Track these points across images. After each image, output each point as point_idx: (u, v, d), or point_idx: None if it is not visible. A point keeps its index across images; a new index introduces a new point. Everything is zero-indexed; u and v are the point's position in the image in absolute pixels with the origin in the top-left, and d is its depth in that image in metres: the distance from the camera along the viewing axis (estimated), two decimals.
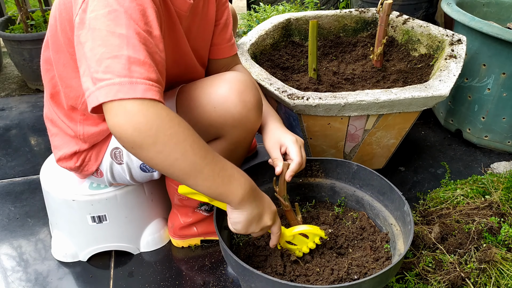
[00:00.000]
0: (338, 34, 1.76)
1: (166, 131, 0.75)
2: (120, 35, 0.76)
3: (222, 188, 0.84)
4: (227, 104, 1.01)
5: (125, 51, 0.75)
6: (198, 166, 0.79)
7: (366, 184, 1.21)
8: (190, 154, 0.78)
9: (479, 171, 1.61)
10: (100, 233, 1.26)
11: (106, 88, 0.74)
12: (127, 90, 0.73)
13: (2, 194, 1.58)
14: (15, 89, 2.34)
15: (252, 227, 0.93)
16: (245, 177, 0.88)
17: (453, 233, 1.19)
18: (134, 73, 0.75)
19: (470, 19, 1.55)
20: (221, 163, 0.83)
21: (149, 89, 0.75)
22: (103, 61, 0.75)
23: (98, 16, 0.78)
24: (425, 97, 1.25)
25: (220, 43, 1.21)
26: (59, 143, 1.15)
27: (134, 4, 0.79)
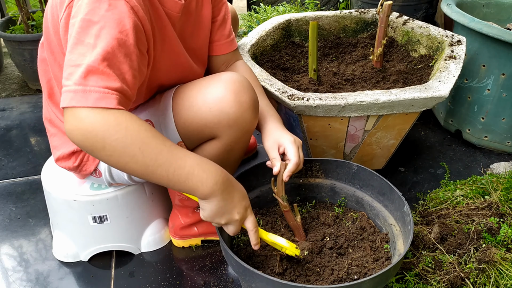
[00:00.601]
0: (338, 35, 1.77)
1: (112, 137, 0.79)
2: (88, 45, 0.80)
3: (180, 186, 0.86)
4: (223, 105, 1.01)
5: (86, 60, 0.79)
6: (150, 168, 0.83)
7: (366, 184, 1.22)
8: (140, 157, 0.81)
9: (478, 171, 1.61)
10: (101, 233, 1.26)
11: (64, 94, 0.79)
12: (79, 98, 0.78)
13: (3, 195, 1.58)
14: (16, 90, 2.35)
15: (218, 219, 0.92)
16: (209, 172, 0.87)
17: (452, 234, 1.20)
18: (90, 82, 0.78)
19: (470, 20, 1.55)
20: (178, 162, 0.84)
21: (103, 98, 0.78)
22: (67, 68, 0.81)
23: (75, 23, 0.82)
24: (425, 98, 1.25)
25: (219, 40, 1.22)
26: (57, 143, 1.15)
27: (110, 13, 0.82)
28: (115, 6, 0.83)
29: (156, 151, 0.82)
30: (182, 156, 0.85)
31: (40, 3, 2.26)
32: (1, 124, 2.02)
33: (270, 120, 1.14)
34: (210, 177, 0.87)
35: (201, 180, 0.86)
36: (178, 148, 0.86)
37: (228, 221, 0.93)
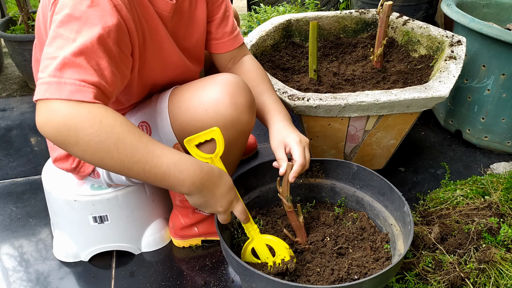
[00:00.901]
0: (339, 35, 1.77)
1: (86, 131, 0.76)
2: (67, 39, 0.79)
3: (157, 183, 0.85)
4: (219, 107, 1.01)
5: (63, 52, 0.77)
6: (126, 164, 0.80)
7: (366, 184, 1.22)
8: (115, 153, 0.79)
9: (478, 171, 1.61)
10: (102, 233, 1.27)
11: (38, 86, 0.77)
12: (53, 90, 0.75)
13: (4, 195, 1.59)
14: (16, 90, 2.35)
15: (202, 209, 0.95)
16: (186, 173, 0.85)
17: (452, 234, 1.20)
18: (66, 74, 0.76)
19: (470, 20, 1.55)
20: (154, 161, 0.82)
21: (78, 91, 0.76)
22: (44, 60, 0.78)
23: (56, 19, 0.81)
24: (425, 98, 1.25)
25: (221, 38, 1.21)
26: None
27: (92, 9, 0.81)
28: (97, 3, 0.82)
29: (132, 148, 0.79)
30: (159, 154, 0.82)
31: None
32: (2, 124, 2.02)
33: (277, 118, 1.13)
34: (187, 178, 0.85)
35: (177, 181, 0.85)
36: (156, 144, 0.83)
37: (213, 212, 0.96)
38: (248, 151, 1.70)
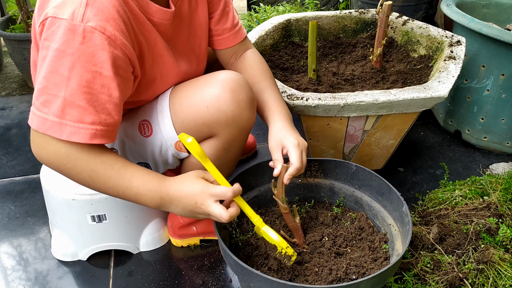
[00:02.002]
0: (338, 35, 1.77)
1: (65, 166, 0.91)
2: (62, 76, 0.84)
3: (134, 202, 0.96)
4: (220, 103, 1.02)
5: (62, 92, 0.85)
6: (102, 190, 0.94)
7: (365, 184, 1.22)
8: (90, 182, 0.93)
9: (478, 172, 1.61)
10: (100, 232, 1.26)
11: (40, 119, 0.87)
12: (55, 130, 0.86)
13: (3, 193, 1.58)
14: (15, 89, 2.35)
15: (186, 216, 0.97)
16: (153, 191, 0.93)
17: (451, 234, 1.20)
18: (67, 116, 0.86)
19: (470, 21, 1.55)
20: (125, 184, 0.92)
21: (76, 132, 0.87)
22: (43, 95, 0.86)
23: (50, 49, 0.85)
24: (424, 98, 1.25)
25: (222, 34, 1.21)
26: None
27: (84, 47, 0.84)
28: (89, 38, 0.84)
29: (104, 177, 0.91)
30: (130, 178, 0.92)
31: None
32: (1, 123, 2.02)
33: (277, 118, 1.12)
34: (154, 195, 0.94)
35: (147, 199, 0.94)
36: (127, 169, 0.93)
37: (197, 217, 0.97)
38: (247, 150, 1.70)
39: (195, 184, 0.93)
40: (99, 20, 0.85)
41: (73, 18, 0.83)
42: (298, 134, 1.09)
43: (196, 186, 0.92)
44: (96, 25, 0.84)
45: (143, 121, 1.11)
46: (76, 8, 0.84)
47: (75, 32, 0.83)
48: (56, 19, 0.84)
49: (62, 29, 0.83)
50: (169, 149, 1.12)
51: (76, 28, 0.83)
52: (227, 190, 0.92)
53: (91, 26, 0.84)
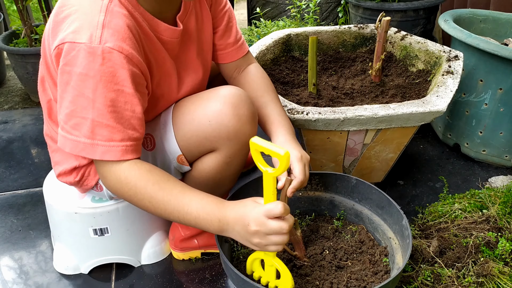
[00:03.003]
0: (338, 49, 1.79)
1: (125, 193, 0.94)
2: (88, 98, 0.87)
3: (194, 226, 0.94)
4: (222, 118, 1.04)
5: (90, 114, 0.88)
6: (162, 215, 0.94)
7: (365, 198, 1.23)
8: (151, 208, 0.94)
9: (477, 185, 1.62)
10: (102, 245, 1.27)
11: (73, 142, 0.91)
12: (88, 151, 0.91)
13: (5, 207, 1.59)
14: (18, 102, 2.37)
15: (244, 243, 0.91)
16: (212, 214, 0.91)
17: (451, 247, 1.20)
18: (97, 136, 0.89)
19: (467, 36, 1.57)
20: (184, 209, 0.92)
21: (108, 151, 0.90)
22: (72, 118, 0.90)
23: (73, 73, 0.87)
24: (423, 112, 1.27)
25: (225, 48, 1.23)
26: (59, 159, 1.16)
27: (104, 67, 0.86)
28: (109, 59, 0.86)
29: (163, 202, 0.92)
30: (188, 202, 0.92)
31: (44, 17, 2.29)
32: (3, 136, 2.04)
33: (280, 132, 1.13)
34: (213, 218, 0.91)
35: (206, 223, 0.92)
36: (185, 193, 0.93)
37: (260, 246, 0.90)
38: (249, 163, 1.71)
39: (248, 205, 0.90)
40: (116, 40, 0.87)
41: (91, 41, 0.86)
42: (300, 148, 1.10)
43: (249, 206, 0.90)
44: (113, 45, 0.87)
45: (146, 135, 1.12)
46: (93, 31, 0.86)
47: (95, 54, 0.86)
48: (74, 44, 0.86)
49: (82, 53, 0.86)
50: (172, 162, 1.13)
51: (95, 50, 0.86)
52: (277, 204, 0.87)
53: (109, 46, 0.86)
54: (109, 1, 0.90)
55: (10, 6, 3.80)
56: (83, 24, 0.87)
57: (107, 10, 0.89)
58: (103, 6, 0.89)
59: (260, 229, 0.86)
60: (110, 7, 0.89)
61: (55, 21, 0.92)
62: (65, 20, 0.90)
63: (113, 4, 0.90)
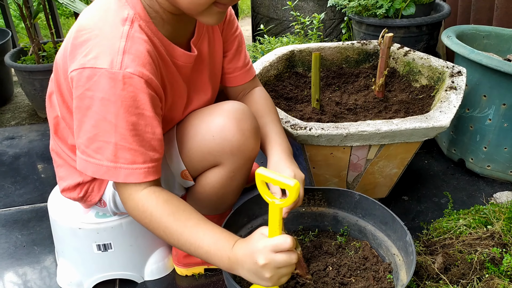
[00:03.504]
0: (341, 65, 1.80)
1: (142, 221, 0.96)
2: (110, 122, 0.89)
3: (205, 260, 0.94)
4: (225, 133, 1.05)
5: (113, 138, 0.89)
6: (175, 245, 0.96)
7: (368, 213, 1.22)
8: (165, 237, 0.95)
9: (481, 201, 1.61)
10: (105, 261, 1.27)
11: (95, 166, 0.92)
12: (111, 175, 0.92)
13: (10, 222, 1.60)
14: (25, 118, 2.39)
15: (261, 279, 0.88)
16: (223, 251, 0.90)
17: (456, 264, 1.19)
18: (120, 159, 0.91)
19: (470, 52, 1.58)
20: (197, 243, 0.91)
21: (131, 174, 0.92)
22: (94, 142, 0.91)
23: (94, 98, 0.88)
24: (426, 128, 1.27)
25: (233, 72, 1.24)
26: (63, 174, 1.17)
27: (125, 92, 0.88)
28: (129, 83, 0.88)
29: (177, 234, 0.93)
30: (201, 236, 0.92)
31: (52, 34, 2.33)
32: (10, 152, 2.05)
33: (275, 151, 1.13)
34: (223, 255, 0.90)
35: (217, 259, 0.91)
36: (199, 227, 0.92)
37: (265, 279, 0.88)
38: (252, 179, 1.71)
39: (256, 239, 0.88)
40: (136, 65, 0.89)
41: (112, 66, 0.87)
42: (295, 167, 1.09)
43: (256, 241, 0.87)
44: (134, 70, 0.88)
45: None
46: (114, 56, 0.87)
47: (116, 80, 0.87)
48: (96, 70, 0.87)
49: (103, 78, 0.87)
50: (176, 178, 1.14)
51: (116, 76, 0.87)
52: (285, 238, 0.85)
53: (129, 72, 0.88)
54: (129, 27, 0.91)
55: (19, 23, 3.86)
56: (104, 50, 0.88)
57: (127, 36, 0.90)
58: (124, 32, 0.90)
59: (269, 263, 0.85)
60: (131, 33, 0.90)
61: (74, 44, 0.92)
62: (84, 44, 0.90)
63: (133, 30, 0.91)
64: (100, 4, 0.95)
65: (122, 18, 0.91)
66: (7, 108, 2.51)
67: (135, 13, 0.92)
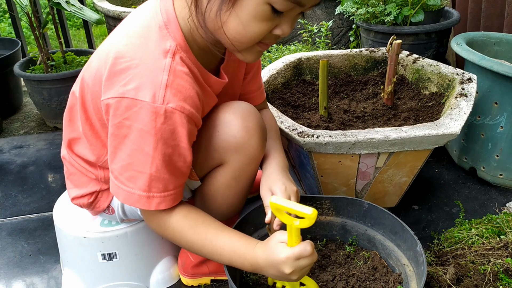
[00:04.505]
0: (349, 73, 1.79)
1: (168, 236, 1.02)
2: (147, 154, 0.90)
3: (230, 265, 0.99)
4: (230, 129, 1.05)
5: (148, 169, 0.91)
6: (200, 255, 1.02)
7: (377, 222, 1.20)
8: (189, 250, 1.03)
9: (494, 210, 1.57)
10: (110, 270, 1.26)
11: (127, 193, 0.94)
12: (143, 203, 0.95)
13: (16, 231, 1.60)
14: (33, 127, 2.40)
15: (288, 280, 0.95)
16: (244, 257, 0.96)
17: (468, 275, 1.16)
18: (153, 189, 0.93)
19: (480, 58, 1.56)
20: (218, 252, 0.98)
21: (162, 201, 0.95)
22: (128, 170, 0.93)
23: (133, 128, 0.89)
24: (436, 135, 1.24)
25: (248, 93, 1.26)
26: (78, 182, 1.16)
27: (165, 126, 0.89)
28: (170, 118, 0.88)
29: (199, 246, 0.99)
30: (222, 246, 0.97)
31: (60, 44, 2.34)
32: (18, 161, 2.06)
33: (269, 165, 1.15)
34: (245, 262, 0.96)
35: (239, 264, 0.98)
36: (218, 237, 0.97)
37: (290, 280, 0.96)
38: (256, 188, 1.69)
39: (277, 251, 0.92)
40: (178, 100, 0.88)
41: (155, 100, 0.86)
42: (287, 179, 1.10)
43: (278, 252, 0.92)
44: (176, 105, 0.88)
45: None
46: (156, 90, 0.87)
47: (158, 114, 0.87)
48: (137, 101, 0.87)
49: (144, 111, 0.87)
50: None
51: (158, 110, 0.87)
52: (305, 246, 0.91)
53: (171, 107, 0.87)
54: (171, 59, 0.90)
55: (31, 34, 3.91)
56: (146, 82, 0.87)
57: (170, 70, 0.88)
58: (166, 65, 0.89)
59: (295, 270, 0.91)
60: (173, 66, 0.89)
61: (112, 71, 0.90)
62: (124, 72, 0.89)
63: (175, 63, 0.90)
64: (140, 30, 0.93)
65: (164, 50, 0.90)
66: (16, 118, 2.53)
67: (176, 44, 0.91)
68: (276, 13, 0.83)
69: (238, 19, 0.84)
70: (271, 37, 0.89)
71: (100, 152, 1.08)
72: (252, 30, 0.85)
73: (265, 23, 0.84)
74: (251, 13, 0.82)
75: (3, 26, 4.46)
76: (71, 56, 2.36)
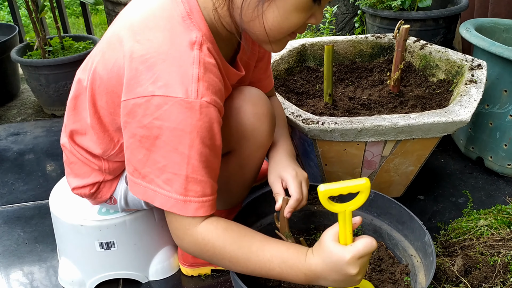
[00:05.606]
0: (354, 60, 1.74)
1: (206, 254, 0.89)
2: (182, 154, 0.83)
3: (280, 279, 0.92)
4: (240, 115, 1.02)
5: (184, 170, 0.84)
6: (245, 271, 0.90)
7: (384, 212, 1.16)
8: (232, 267, 0.91)
9: (502, 200, 1.54)
10: (108, 260, 1.22)
11: (164, 197, 0.86)
12: (180, 208, 0.85)
13: (12, 219, 1.56)
14: (31, 114, 2.36)
15: (353, 282, 0.84)
16: (296, 268, 0.85)
17: (477, 266, 1.13)
18: (190, 192, 0.85)
19: (490, 44, 1.51)
20: (266, 266, 0.87)
21: (200, 207, 0.86)
22: (164, 173, 0.85)
23: (164, 128, 0.82)
24: (445, 122, 1.20)
25: (259, 81, 1.22)
26: (79, 172, 1.11)
27: (201, 122, 0.82)
28: (205, 113, 0.83)
29: (244, 261, 0.88)
30: (269, 258, 0.87)
31: (58, 29, 2.29)
32: (14, 148, 2.02)
33: (276, 152, 1.11)
34: (298, 273, 0.86)
35: (292, 277, 0.87)
36: (265, 249, 0.87)
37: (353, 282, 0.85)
38: (262, 176, 1.66)
39: (334, 252, 0.82)
40: (211, 93, 0.83)
41: (188, 95, 0.81)
42: (296, 165, 1.06)
43: (336, 253, 0.81)
44: (210, 99, 0.83)
45: None
46: (188, 85, 0.81)
47: (193, 109, 0.81)
48: (167, 98, 0.81)
49: (177, 107, 0.81)
50: None
51: (193, 105, 0.81)
52: (365, 244, 0.81)
53: (206, 101, 0.82)
54: (199, 50, 0.84)
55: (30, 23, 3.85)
56: (175, 77, 0.82)
57: (200, 62, 0.83)
58: (195, 57, 0.83)
59: (361, 268, 0.82)
60: (202, 58, 0.84)
61: (136, 69, 0.84)
62: (150, 69, 0.83)
63: (203, 54, 0.85)
64: (161, 23, 0.86)
65: (191, 41, 0.84)
66: (13, 104, 2.49)
67: (202, 34, 0.86)
68: (315, 2, 0.83)
69: (278, 10, 0.82)
70: (304, 26, 0.88)
71: (107, 146, 1.02)
72: (291, 20, 0.83)
73: (304, 13, 0.83)
74: (293, 4, 0.81)
75: (2, 15, 4.41)
76: (68, 42, 2.32)
